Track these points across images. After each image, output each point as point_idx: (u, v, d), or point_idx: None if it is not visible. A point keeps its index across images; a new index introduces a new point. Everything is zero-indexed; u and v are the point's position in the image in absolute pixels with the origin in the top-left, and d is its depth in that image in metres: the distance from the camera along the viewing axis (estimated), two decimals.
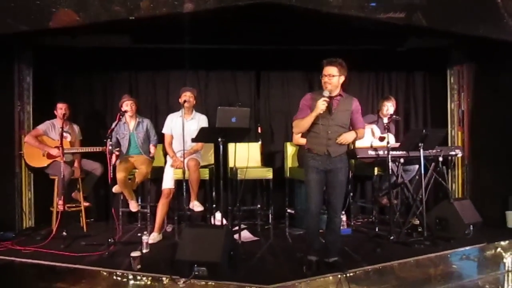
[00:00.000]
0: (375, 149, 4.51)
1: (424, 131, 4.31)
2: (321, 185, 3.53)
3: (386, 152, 4.32)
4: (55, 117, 5.04)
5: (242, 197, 4.76)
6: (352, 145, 5.13)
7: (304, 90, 5.41)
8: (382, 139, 4.97)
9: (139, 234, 4.38)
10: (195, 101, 4.78)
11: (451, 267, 3.89)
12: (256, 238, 4.66)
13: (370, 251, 4.06)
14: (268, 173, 4.75)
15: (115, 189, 4.60)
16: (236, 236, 4.46)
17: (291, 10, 4.24)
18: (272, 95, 5.84)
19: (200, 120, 4.80)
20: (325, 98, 3.34)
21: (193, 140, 4.15)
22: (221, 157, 3.98)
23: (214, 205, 4.76)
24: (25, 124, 5.18)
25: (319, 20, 4.57)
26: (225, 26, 4.95)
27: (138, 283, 3.42)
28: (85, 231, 4.93)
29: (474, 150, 5.46)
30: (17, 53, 5.08)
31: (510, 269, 4.06)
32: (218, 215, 4.67)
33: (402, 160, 4.47)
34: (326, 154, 3.46)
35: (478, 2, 4.52)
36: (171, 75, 5.74)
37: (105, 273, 3.52)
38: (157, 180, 5.04)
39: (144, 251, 4.01)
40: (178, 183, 4.60)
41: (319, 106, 3.33)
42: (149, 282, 3.40)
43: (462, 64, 5.62)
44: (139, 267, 3.54)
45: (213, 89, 5.78)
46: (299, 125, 3.55)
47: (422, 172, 4.33)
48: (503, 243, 4.22)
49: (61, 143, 4.49)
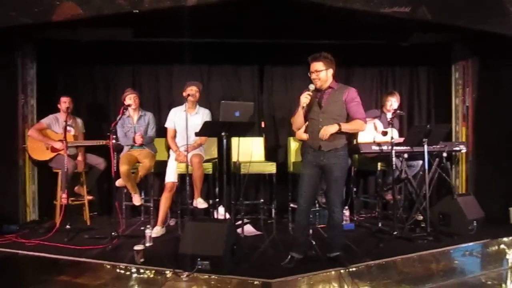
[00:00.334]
0: (379, 144, 4.50)
1: (428, 126, 4.29)
2: (314, 180, 3.52)
3: (389, 147, 4.30)
4: (58, 110, 5.04)
5: (245, 191, 4.76)
6: (355, 140, 5.13)
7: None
8: (385, 133, 4.95)
9: (142, 228, 4.39)
10: (199, 95, 4.77)
11: (454, 263, 3.88)
12: (259, 233, 4.67)
13: (373, 246, 4.06)
14: (271, 168, 4.75)
15: (119, 183, 4.60)
16: (239, 230, 4.46)
17: (295, 4, 4.21)
18: (275, 89, 5.83)
19: (204, 114, 4.79)
20: (309, 92, 3.36)
21: (196, 134, 4.14)
22: (225, 151, 3.99)
23: (217, 199, 4.76)
24: (29, 117, 5.19)
25: (323, 14, 4.54)
26: (228, 20, 4.93)
27: (141, 276, 3.43)
28: (88, 224, 4.94)
29: (478, 146, 5.44)
30: (20, 47, 5.08)
31: None
32: (221, 209, 4.67)
33: (405, 156, 4.45)
34: (320, 149, 3.45)
35: None
36: (173, 69, 5.73)
37: (108, 266, 3.54)
38: (160, 174, 5.05)
39: (147, 244, 4.02)
40: (182, 177, 4.60)
41: (301, 100, 3.36)
42: (152, 276, 3.41)
43: (467, 59, 5.59)
44: (142, 260, 3.56)
45: (216, 83, 5.77)
46: (293, 121, 3.60)
47: (426, 167, 4.32)
48: (506, 239, 4.21)
49: (65, 136, 4.50)
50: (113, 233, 4.13)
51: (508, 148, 5.01)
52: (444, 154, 4.54)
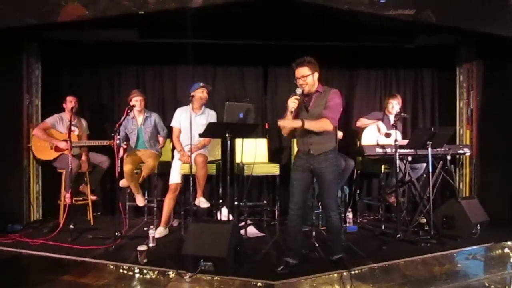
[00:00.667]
0: (383, 147, 4.49)
1: (432, 129, 4.28)
2: (304, 185, 3.50)
3: (393, 150, 4.29)
4: (62, 110, 5.06)
5: (248, 192, 4.76)
6: (359, 142, 5.14)
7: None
8: (388, 135, 4.95)
9: (146, 228, 4.40)
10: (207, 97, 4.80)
11: (457, 266, 3.87)
12: (262, 234, 4.67)
13: (376, 248, 4.06)
14: (274, 169, 4.75)
15: (122, 183, 4.61)
16: (242, 231, 4.47)
17: (300, 5, 4.22)
18: (279, 91, 5.81)
19: (210, 115, 4.81)
20: (296, 97, 3.34)
21: (200, 135, 4.15)
22: (228, 152, 3.99)
23: (221, 200, 4.77)
24: (34, 117, 5.21)
25: (328, 16, 4.54)
26: (233, 21, 4.94)
27: (144, 277, 3.44)
28: (91, 224, 4.96)
29: (483, 149, 5.42)
30: (26, 47, 5.10)
31: None
32: (225, 210, 4.68)
33: (409, 158, 4.44)
34: (309, 152, 3.44)
35: None
36: (178, 69, 5.74)
37: (111, 267, 3.55)
38: (164, 175, 5.06)
39: (151, 245, 4.04)
40: (185, 178, 4.61)
41: (289, 105, 3.34)
42: (155, 276, 3.42)
43: (472, 61, 5.56)
44: (145, 261, 3.57)
45: (220, 84, 5.76)
46: (281, 126, 3.52)
47: (430, 170, 4.30)
48: (510, 243, 4.19)
49: (69, 136, 4.52)
50: (116, 234, 4.13)
51: None
52: (448, 157, 4.52)
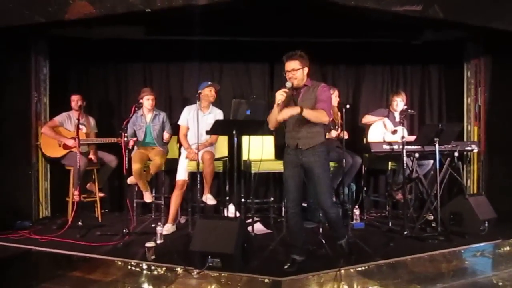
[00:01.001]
0: (390, 143, 4.48)
1: (439, 125, 4.26)
2: (297, 180, 3.46)
3: (400, 147, 4.28)
4: (71, 108, 5.10)
5: (255, 189, 4.76)
6: (365, 139, 5.13)
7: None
8: (394, 132, 4.94)
9: (153, 225, 4.43)
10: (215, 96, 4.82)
11: (465, 263, 3.85)
12: (269, 231, 4.67)
13: (383, 245, 4.05)
14: (281, 166, 4.72)
15: (130, 180, 4.64)
16: (249, 228, 4.48)
17: (306, 2, 4.21)
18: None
19: (217, 114, 4.81)
20: (285, 89, 3.27)
21: (207, 133, 4.16)
22: (235, 149, 4.00)
23: (228, 198, 4.79)
24: (42, 115, 5.24)
25: (334, 12, 4.53)
26: (239, 18, 4.93)
27: (152, 273, 3.46)
28: (100, 221, 4.98)
29: (490, 145, 5.38)
30: (34, 45, 5.13)
31: None
32: (232, 207, 4.69)
33: (417, 155, 4.43)
34: (298, 147, 3.40)
35: None
36: (185, 66, 5.75)
37: (120, 263, 3.57)
38: (171, 172, 5.08)
39: (158, 241, 4.06)
40: (192, 175, 4.63)
41: (276, 97, 3.25)
42: (163, 272, 3.44)
43: (479, 57, 5.51)
44: (153, 257, 3.59)
45: (226, 81, 5.77)
46: (269, 119, 3.49)
47: (437, 167, 4.28)
48: None
49: (77, 134, 4.55)
50: (124, 230, 4.16)
51: None
52: (456, 154, 4.50)
